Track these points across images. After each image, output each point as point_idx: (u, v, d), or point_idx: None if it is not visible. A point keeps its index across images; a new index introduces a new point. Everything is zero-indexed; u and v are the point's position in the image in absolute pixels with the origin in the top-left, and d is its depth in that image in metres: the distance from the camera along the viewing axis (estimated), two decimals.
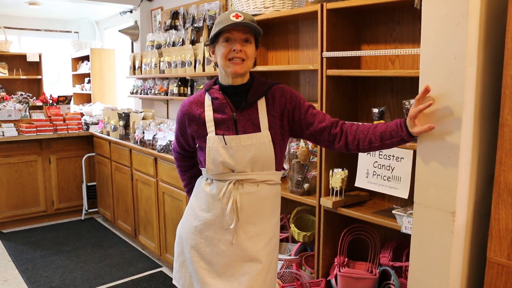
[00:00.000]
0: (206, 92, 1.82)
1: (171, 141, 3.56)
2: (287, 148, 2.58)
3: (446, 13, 1.50)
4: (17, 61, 6.48)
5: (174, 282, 1.99)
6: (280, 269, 2.60)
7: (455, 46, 1.48)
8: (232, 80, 1.77)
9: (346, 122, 1.78)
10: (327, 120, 1.77)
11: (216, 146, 1.74)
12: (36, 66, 6.58)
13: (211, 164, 1.76)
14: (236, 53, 1.69)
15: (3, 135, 4.68)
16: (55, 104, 5.55)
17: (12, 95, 5.78)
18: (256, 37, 1.76)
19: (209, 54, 1.84)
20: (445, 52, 1.51)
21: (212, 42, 1.77)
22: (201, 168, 1.88)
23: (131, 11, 5.72)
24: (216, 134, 1.75)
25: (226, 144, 1.73)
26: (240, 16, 1.68)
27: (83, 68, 6.61)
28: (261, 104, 1.78)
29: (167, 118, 4.98)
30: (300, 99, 1.82)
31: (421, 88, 1.60)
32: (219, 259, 1.80)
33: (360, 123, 1.76)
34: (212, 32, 1.74)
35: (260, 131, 1.75)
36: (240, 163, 1.74)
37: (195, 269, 1.85)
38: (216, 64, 1.80)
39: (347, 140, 1.72)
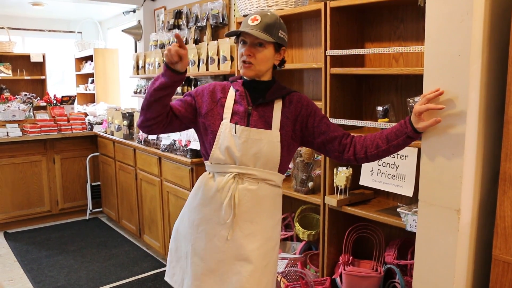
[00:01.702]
0: (231, 84, 1.86)
1: (175, 140, 3.56)
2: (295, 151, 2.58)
3: (450, 10, 1.50)
4: (20, 61, 6.50)
5: (166, 278, 1.99)
6: (285, 268, 2.60)
7: (459, 44, 1.48)
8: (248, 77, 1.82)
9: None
10: (339, 131, 1.79)
11: (226, 132, 1.76)
12: (39, 67, 6.60)
13: (217, 149, 1.77)
14: (246, 57, 1.73)
15: (8, 135, 4.70)
16: (59, 104, 5.57)
17: (16, 96, 5.80)
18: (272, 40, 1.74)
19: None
20: (449, 50, 1.51)
21: (237, 40, 1.81)
22: (205, 162, 1.88)
23: (134, 11, 5.73)
24: (230, 122, 1.78)
25: (235, 133, 1.75)
26: (257, 20, 1.70)
27: (87, 68, 6.62)
28: (277, 105, 1.80)
29: None
30: (315, 108, 1.84)
31: (425, 86, 1.59)
32: (213, 255, 1.80)
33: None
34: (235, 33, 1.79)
35: (271, 129, 1.76)
36: (244, 155, 1.75)
37: (188, 265, 1.85)
38: None
39: (355, 149, 1.74)
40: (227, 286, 1.78)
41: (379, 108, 2.28)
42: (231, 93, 1.83)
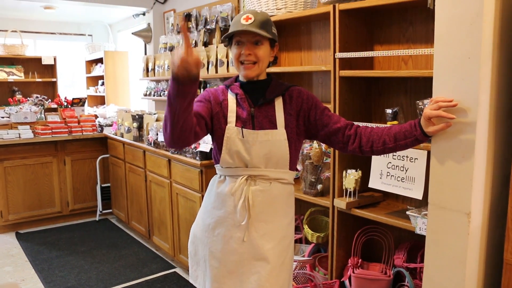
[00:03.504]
0: (228, 89, 1.85)
1: None
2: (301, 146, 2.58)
3: (460, 12, 1.49)
4: (32, 64, 6.57)
5: (191, 280, 2.01)
6: (294, 270, 2.60)
7: (469, 46, 1.47)
8: (246, 78, 1.81)
9: (361, 125, 1.78)
10: (342, 122, 1.79)
11: (233, 137, 1.76)
12: (51, 69, 6.67)
13: (226, 155, 1.78)
14: (246, 57, 1.73)
15: (20, 137, 4.75)
16: (69, 106, 5.61)
17: (28, 98, 5.87)
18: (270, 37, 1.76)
19: (226, 55, 1.88)
20: (459, 52, 1.50)
21: (229, 43, 1.82)
22: (215, 166, 1.89)
23: (144, 14, 5.76)
24: (235, 126, 1.78)
25: (243, 137, 1.75)
26: (250, 19, 1.71)
27: (97, 70, 6.68)
28: (278, 103, 1.80)
29: None
30: (316, 100, 1.84)
31: (435, 89, 1.59)
32: (230, 257, 1.81)
33: (374, 126, 1.76)
34: (226, 35, 1.78)
35: (277, 129, 1.77)
36: (255, 157, 1.75)
37: (207, 268, 1.86)
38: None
39: (361, 142, 1.73)
40: (246, 286, 1.79)
41: (388, 111, 2.28)
42: (231, 97, 1.83)
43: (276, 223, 1.82)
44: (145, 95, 5.21)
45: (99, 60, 6.61)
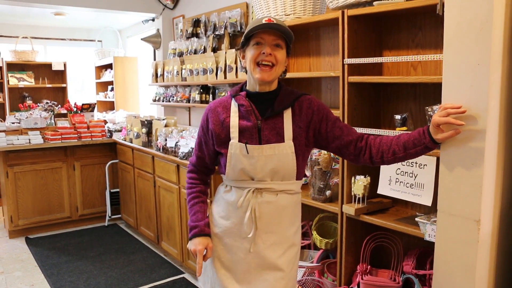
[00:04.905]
0: (233, 98, 1.79)
1: (193, 148, 3.58)
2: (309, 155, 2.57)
3: (469, 18, 1.49)
4: (43, 70, 6.65)
5: (200, 285, 2.01)
6: (302, 276, 2.59)
7: (478, 52, 1.47)
8: (259, 87, 1.75)
9: (371, 135, 1.76)
10: (353, 134, 1.75)
11: (237, 153, 1.72)
12: (61, 75, 6.74)
13: (231, 170, 1.76)
14: (265, 57, 1.66)
15: (30, 142, 4.79)
16: (79, 111, 5.66)
17: (38, 103, 5.93)
18: (287, 44, 1.72)
19: (239, 59, 1.81)
20: (469, 58, 1.50)
21: (243, 45, 1.74)
22: (221, 175, 1.89)
23: (153, 20, 5.81)
24: (239, 141, 1.73)
25: (248, 153, 1.71)
26: (272, 21, 1.66)
27: (106, 76, 6.73)
28: (287, 114, 1.74)
29: (189, 125, 5.03)
30: (327, 111, 1.78)
31: (444, 96, 1.58)
32: (238, 266, 1.80)
33: (383, 136, 1.74)
34: (244, 36, 1.72)
35: (284, 141, 1.72)
36: (260, 172, 1.72)
37: (215, 276, 1.86)
38: (245, 70, 1.77)
39: (371, 153, 1.70)
40: None
41: (397, 117, 2.27)
42: (234, 109, 1.77)
43: (283, 233, 1.80)
44: (154, 100, 5.25)
45: (109, 66, 6.67)
